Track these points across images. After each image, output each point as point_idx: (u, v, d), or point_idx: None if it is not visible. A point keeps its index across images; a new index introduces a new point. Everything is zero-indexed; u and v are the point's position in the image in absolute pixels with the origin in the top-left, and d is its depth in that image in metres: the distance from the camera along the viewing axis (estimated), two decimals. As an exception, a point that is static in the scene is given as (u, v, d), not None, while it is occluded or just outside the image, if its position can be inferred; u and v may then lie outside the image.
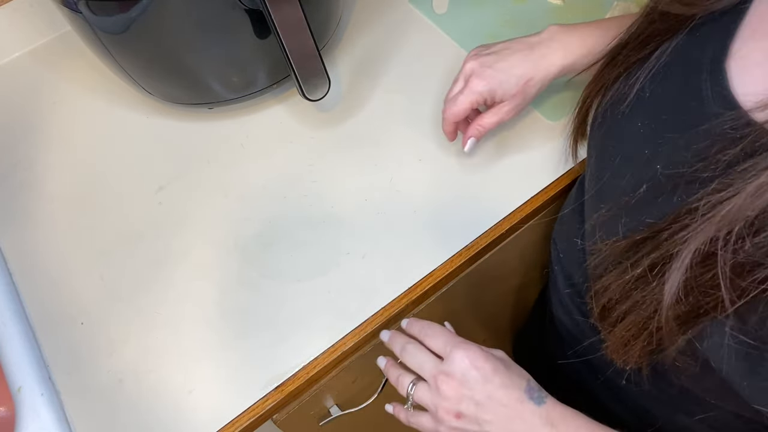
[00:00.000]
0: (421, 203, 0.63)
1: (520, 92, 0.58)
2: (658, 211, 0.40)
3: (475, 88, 0.57)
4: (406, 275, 0.59)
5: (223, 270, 0.61)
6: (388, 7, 0.79)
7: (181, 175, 0.67)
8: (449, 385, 0.47)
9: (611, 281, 0.42)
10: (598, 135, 0.49)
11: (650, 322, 0.39)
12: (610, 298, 0.42)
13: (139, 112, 0.72)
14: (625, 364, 0.43)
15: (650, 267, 0.38)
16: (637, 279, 0.40)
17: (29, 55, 0.78)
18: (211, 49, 0.61)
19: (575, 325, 0.59)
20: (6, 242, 0.64)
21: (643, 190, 0.41)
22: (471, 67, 0.59)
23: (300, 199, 0.64)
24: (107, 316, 0.59)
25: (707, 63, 0.40)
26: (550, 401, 0.47)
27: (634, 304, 0.40)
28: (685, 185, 0.38)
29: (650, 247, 0.39)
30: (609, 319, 0.43)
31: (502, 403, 0.46)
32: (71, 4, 0.56)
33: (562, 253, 0.61)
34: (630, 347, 0.42)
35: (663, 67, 0.43)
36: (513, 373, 0.48)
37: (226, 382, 0.55)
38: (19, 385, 0.55)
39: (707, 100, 0.39)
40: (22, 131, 0.72)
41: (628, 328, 0.41)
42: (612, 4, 0.75)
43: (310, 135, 0.69)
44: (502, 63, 0.58)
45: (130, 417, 0.54)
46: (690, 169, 0.37)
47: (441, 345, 0.50)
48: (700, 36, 0.41)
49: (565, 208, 0.64)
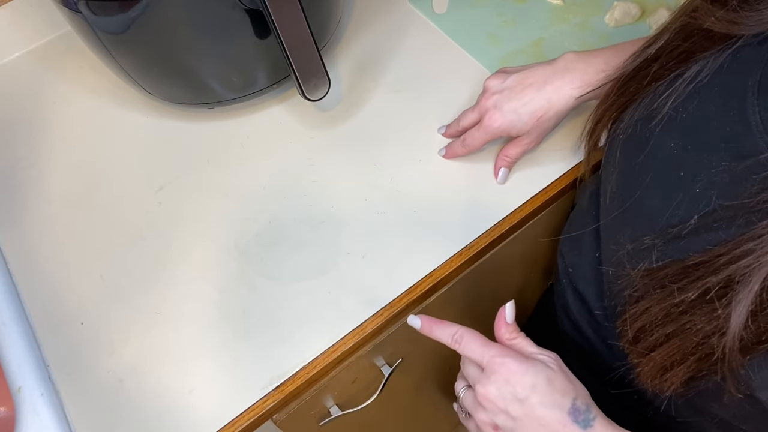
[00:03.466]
0: (421, 203, 0.63)
1: (535, 127, 0.59)
2: (712, 240, 0.38)
3: (489, 129, 0.60)
4: (406, 275, 0.59)
5: (223, 270, 0.61)
6: (388, 7, 0.79)
7: (181, 175, 0.67)
8: (485, 397, 0.46)
9: (652, 305, 0.40)
10: (621, 150, 0.47)
11: (702, 346, 0.37)
12: (651, 322, 0.41)
13: (139, 112, 0.72)
14: (660, 390, 0.42)
15: (704, 292, 0.37)
16: (688, 303, 0.38)
17: (29, 55, 0.78)
18: (211, 49, 0.61)
19: (585, 340, 0.59)
20: (6, 242, 0.64)
21: (695, 220, 0.39)
22: (486, 105, 0.60)
23: (300, 199, 0.64)
24: (107, 316, 0.59)
25: (753, 86, 0.38)
26: (599, 424, 0.44)
27: (680, 328, 0.39)
28: (745, 215, 0.37)
29: (703, 271, 0.37)
30: (644, 343, 0.41)
31: (541, 423, 0.44)
32: (71, 4, 0.56)
33: (572, 267, 0.60)
34: (671, 373, 0.40)
35: (701, 87, 0.42)
36: (556, 390, 0.45)
37: (226, 382, 0.55)
38: (19, 385, 0.55)
39: (755, 125, 0.37)
40: (21, 131, 0.72)
41: (671, 353, 0.39)
42: (612, 4, 0.75)
43: (310, 135, 0.69)
44: (514, 102, 0.58)
45: (130, 417, 0.54)
46: (754, 199, 0.36)
47: (478, 357, 0.47)
48: (741, 58, 0.40)
49: (575, 220, 0.63)
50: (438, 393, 0.95)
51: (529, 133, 0.59)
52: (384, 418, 0.86)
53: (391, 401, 0.79)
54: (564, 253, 0.63)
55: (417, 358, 0.76)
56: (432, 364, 0.83)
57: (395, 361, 0.69)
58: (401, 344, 0.68)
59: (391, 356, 0.68)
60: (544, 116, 0.58)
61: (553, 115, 0.58)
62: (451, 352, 0.50)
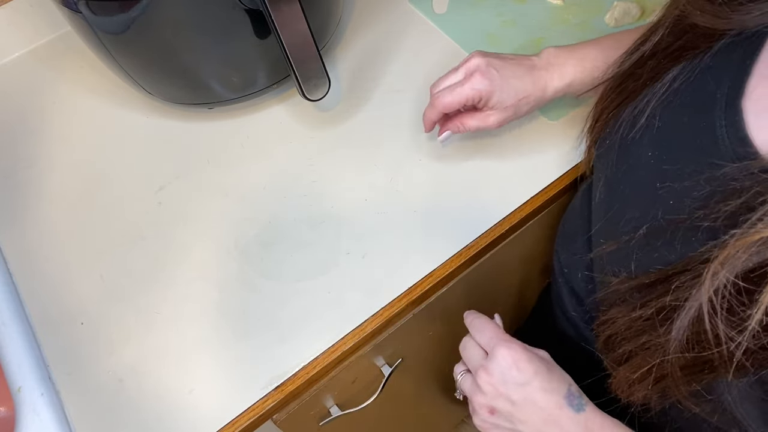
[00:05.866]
0: (421, 203, 0.63)
1: (513, 105, 0.57)
2: (675, 255, 0.38)
3: (477, 85, 0.55)
4: (406, 275, 0.59)
5: (223, 270, 0.61)
6: (388, 7, 0.79)
7: (181, 175, 0.67)
8: (488, 381, 0.47)
9: (619, 316, 0.41)
10: (606, 156, 0.48)
11: (658, 368, 0.38)
12: (616, 333, 0.42)
13: (139, 112, 0.72)
14: (631, 401, 0.43)
15: (658, 311, 0.38)
16: (645, 320, 0.39)
17: (29, 55, 0.78)
18: (211, 49, 0.61)
19: (583, 339, 0.59)
20: (6, 242, 0.64)
21: (669, 234, 0.39)
22: (477, 63, 0.56)
23: (300, 199, 0.64)
24: (107, 316, 0.59)
25: (721, 99, 0.38)
26: (590, 409, 0.46)
27: (640, 346, 0.40)
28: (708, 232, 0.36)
29: (661, 290, 0.38)
30: (613, 354, 0.43)
31: (540, 407, 0.46)
32: (71, 4, 0.56)
33: (566, 267, 0.61)
34: (634, 388, 0.41)
35: (674, 95, 0.42)
36: (554, 377, 0.47)
37: (226, 382, 0.55)
38: (19, 385, 0.55)
39: (722, 140, 0.37)
40: (21, 131, 0.72)
41: (633, 369, 0.41)
42: (612, 4, 0.75)
43: (310, 135, 0.69)
44: (508, 70, 0.57)
45: (130, 417, 0.54)
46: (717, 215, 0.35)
47: (486, 340, 0.49)
48: (713, 67, 0.40)
49: (568, 219, 0.63)
50: (438, 393, 0.95)
51: (504, 109, 0.57)
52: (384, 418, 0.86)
53: (391, 401, 0.79)
54: (559, 252, 0.63)
55: (417, 358, 0.76)
56: (432, 364, 0.83)
57: (395, 361, 0.69)
58: (401, 344, 0.68)
59: (391, 356, 0.68)
60: (526, 98, 0.57)
61: (533, 100, 0.57)
62: (451, 352, 0.50)
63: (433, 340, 0.75)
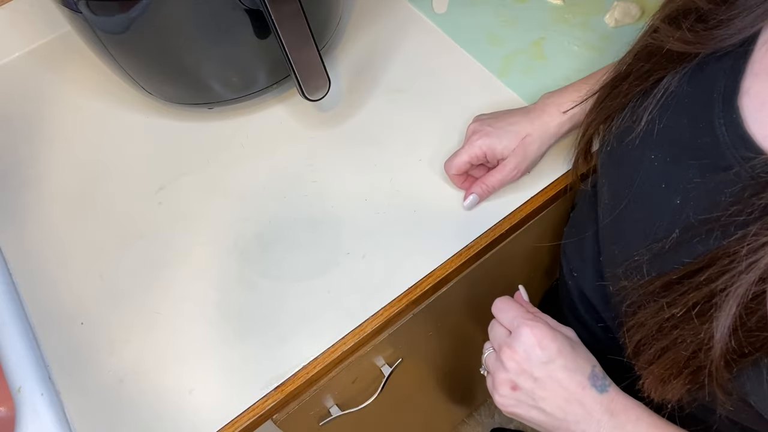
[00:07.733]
0: (421, 203, 0.63)
1: (519, 147, 0.59)
2: (691, 254, 0.39)
3: (474, 143, 0.59)
4: (406, 275, 0.59)
5: (223, 270, 0.61)
6: (388, 7, 0.79)
7: (181, 175, 0.67)
8: (510, 357, 0.48)
9: (646, 319, 0.42)
10: (607, 163, 0.49)
11: (692, 361, 0.39)
12: (646, 335, 0.42)
13: (139, 112, 0.72)
14: (665, 400, 0.43)
15: (692, 306, 0.38)
16: (677, 318, 0.39)
17: (29, 55, 0.79)
18: (211, 49, 0.61)
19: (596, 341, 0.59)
20: (6, 242, 0.64)
21: (677, 233, 0.40)
22: (473, 127, 0.61)
23: (300, 199, 0.64)
24: (107, 316, 0.59)
25: (718, 98, 0.39)
26: (613, 390, 0.47)
27: (672, 343, 0.40)
28: (720, 229, 0.38)
29: (687, 287, 0.38)
30: (644, 356, 0.43)
31: (562, 385, 0.46)
32: (71, 4, 0.56)
33: (576, 272, 0.61)
34: (669, 384, 0.41)
35: (671, 99, 0.43)
36: (579, 357, 0.48)
37: (226, 382, 0.55)
38: (19, 385, 0.55)
39: (723, 138, 0.38)
40: (21, 131, 0.72)
41: (667, 366, 0.41)
42: (612, 4, 0.75)
43: (310, 135, 0.69)
44: (502, 121, 0.60)
45: (131, 417, 0.54)
46: (725, 213, 0.37)
47: (509, 320, 0.50)
48: (708, 70, 0.41)
49: (576, 221, 0.63)
50: (438, 393, 0.96)
51: (513, 154, 0.59)
52: (384, 418, 0.86)
53: (391, 401, 0.79)
54: (567, 255, 0.63)
55: (417, 358, 0.76)
56: (432, 364, 0.83)
57: (395, 361, 0.69)
58: (401, 344, 0.68)
59: (391, 356, 0.68)
60: (529, 137, 0.59)
61: (537, 138, 0.59)
62: (451, 352, 0.50)
63: (433, 340, 0.74)
